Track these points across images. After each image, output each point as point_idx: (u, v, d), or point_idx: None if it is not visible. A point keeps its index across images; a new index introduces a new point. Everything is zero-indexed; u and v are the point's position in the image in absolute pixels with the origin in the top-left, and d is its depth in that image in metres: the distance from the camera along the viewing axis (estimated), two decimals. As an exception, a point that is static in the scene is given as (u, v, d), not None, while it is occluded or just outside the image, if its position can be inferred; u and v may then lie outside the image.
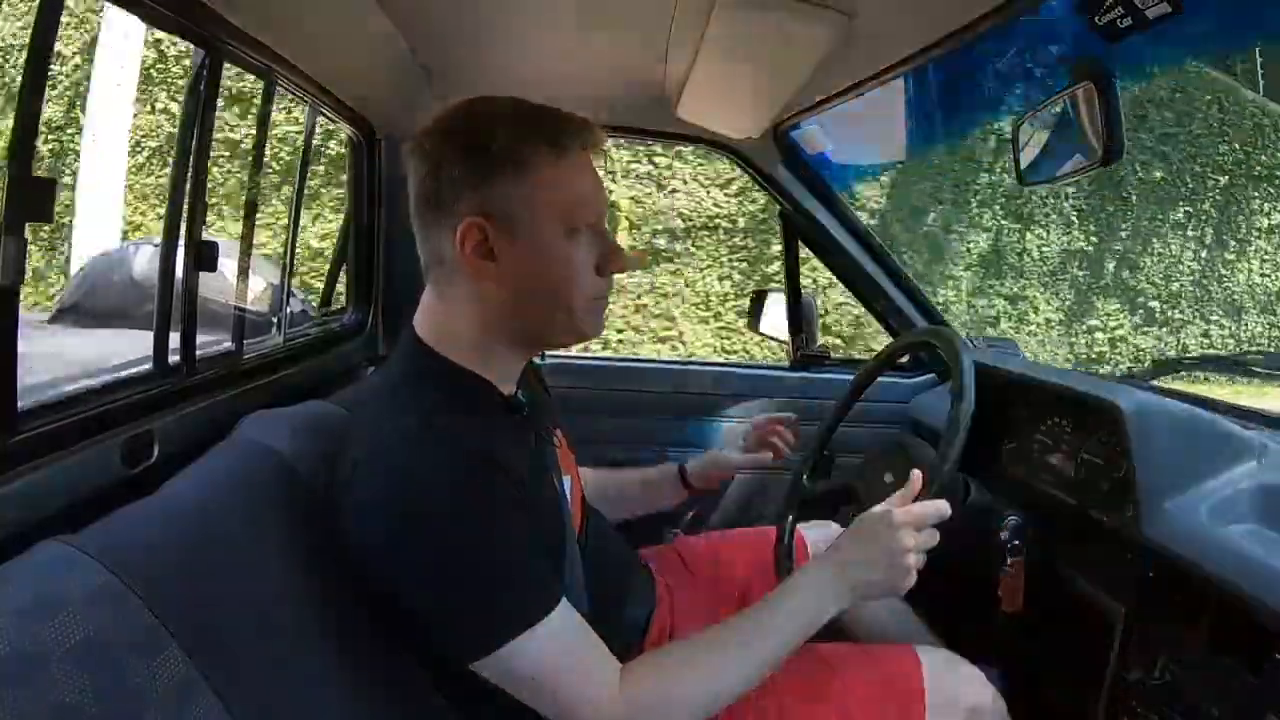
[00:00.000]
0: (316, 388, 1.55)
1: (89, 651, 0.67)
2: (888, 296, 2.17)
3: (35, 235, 6.23)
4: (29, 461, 0.86)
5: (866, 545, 1.09)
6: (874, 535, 1.09)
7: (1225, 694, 1.04)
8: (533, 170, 1.00)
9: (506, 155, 0.99)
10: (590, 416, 2.04)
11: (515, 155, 0.99)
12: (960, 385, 1.21)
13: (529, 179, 1.00)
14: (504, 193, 0.99)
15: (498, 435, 1.01)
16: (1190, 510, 1.17)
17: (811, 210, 2.10)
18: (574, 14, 1.40)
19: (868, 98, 1.59)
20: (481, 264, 1.00)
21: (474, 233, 0.99)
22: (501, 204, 0.99)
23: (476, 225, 0.99)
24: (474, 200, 0.99)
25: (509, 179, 0.99)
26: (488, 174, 0.99)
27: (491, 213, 0.99)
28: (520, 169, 0.99)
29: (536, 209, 1.00)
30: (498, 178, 0.99)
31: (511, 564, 0.94)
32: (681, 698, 1.02)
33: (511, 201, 0.99)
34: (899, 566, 1.07)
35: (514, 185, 0.99)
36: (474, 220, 0.99)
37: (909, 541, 1.07)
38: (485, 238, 1.00)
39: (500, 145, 0.99)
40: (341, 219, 2.41)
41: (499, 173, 0.99)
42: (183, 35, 1.14)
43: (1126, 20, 0.93)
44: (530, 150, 1.00)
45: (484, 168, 0.99)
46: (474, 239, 1.00)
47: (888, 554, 1.08)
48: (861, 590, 1.09)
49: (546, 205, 1.00)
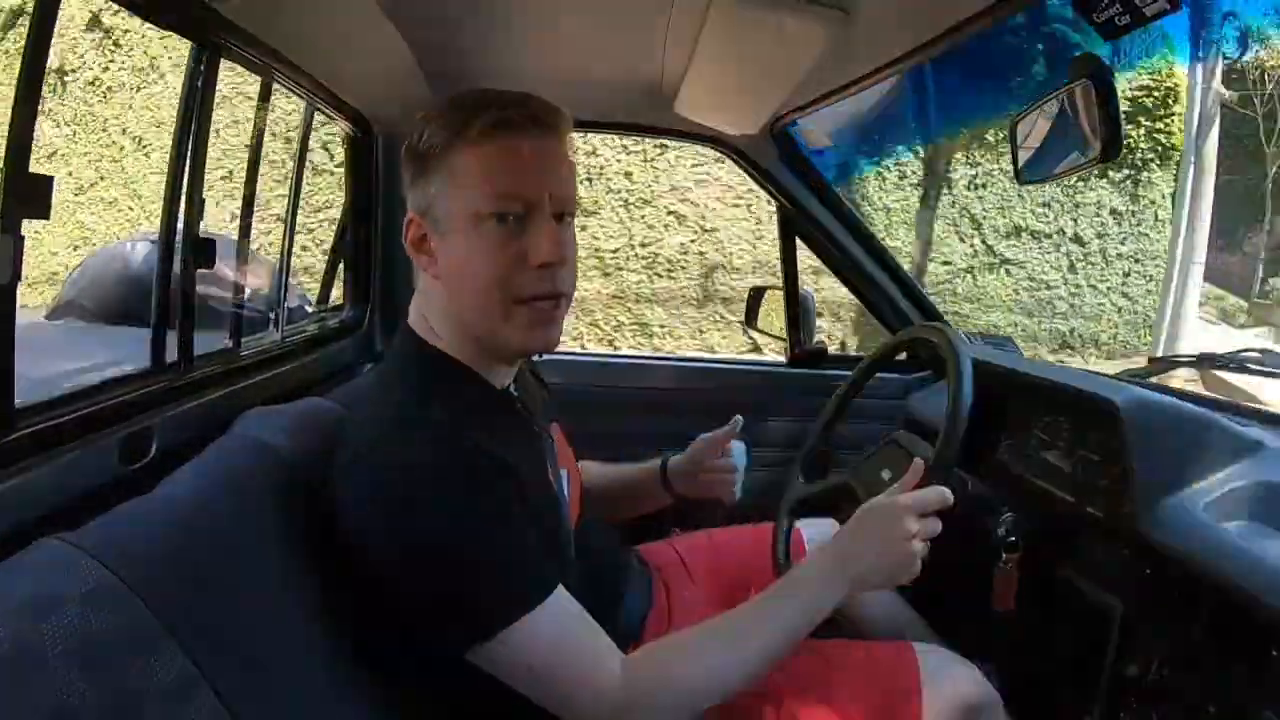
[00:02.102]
0: (314, 384, 1.55)
1: (87, 650, 0.67)
2: (885, 293, 2.17)
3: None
4: (26, 459, 0.86)
5: (869, 534, 1.09)
6: (876, 524, 1.09)
7: (1223, 691, 1.04)
8: (445, 162, 1.01)
9: (426, 151, 1.02)
10: (586, 413, 2.03)
11: (435, 148, 1.01)
12: (958, 381, 1.21)
13: (442, 171, 1.01)
14: (425, 187, 1.03)
15: (490, 428, 1.02)
16: (1188, 507, 1.17)
17: (809, 207, 2.10)
18: (572, 11, 1.40)
19: (865, 94, 1.59)
20: (422, 259, 1.06)
21: (413, 229, 1.05)
22: (425, 199, 1.03)
23: (414, 222, 1.05)
24: (412, 198, 1.05)
25: (429, 174, 1.02)
26: (417, 172, 1.04)
27: (421, 209, 1.04)
28: (436, 163, 1.01)
29: (450, 201, 1.02)
30: (422, 174, 1.03)
31: (507, 551, 0.94)
32: (684, 687, 1.01)
33: (430, 195, 1.03)
34: (903, 554, 1.07)
35: (433, 178, 1.02)
36: (412, 216, 1.05)
37: (912, 528, 1.07)
38: (424, 234, 1.05)
39: (424, 143, 1.02)
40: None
41: (423, 169, 1.03)
42: (180, 32, 1.14)
43: (1124, 18, 0.94)
44: (442, 142, 1.01)
45: (414, 166, 1.04)
46: (413, 234, 1.05)
47: (891, 542, 1.07)
48: (865, 580, 1.09)
49: (455, 196, 1.01)
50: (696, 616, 1.37)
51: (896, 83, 7.10)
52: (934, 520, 1.10)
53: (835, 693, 1.21)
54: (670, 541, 1.65)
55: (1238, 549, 1.04)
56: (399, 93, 1.72)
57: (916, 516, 1.08)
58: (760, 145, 2.02)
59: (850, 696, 1.21)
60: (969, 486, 1.25)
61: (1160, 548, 1.16)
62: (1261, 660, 0.98)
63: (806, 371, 2.22)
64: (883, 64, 1.40)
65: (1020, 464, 1.57)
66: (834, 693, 1.21)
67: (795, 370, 2.22)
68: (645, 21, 1.38)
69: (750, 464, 1.50)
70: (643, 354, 2.42)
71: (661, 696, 1.00)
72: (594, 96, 1.83)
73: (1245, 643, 1.01)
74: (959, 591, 1.56)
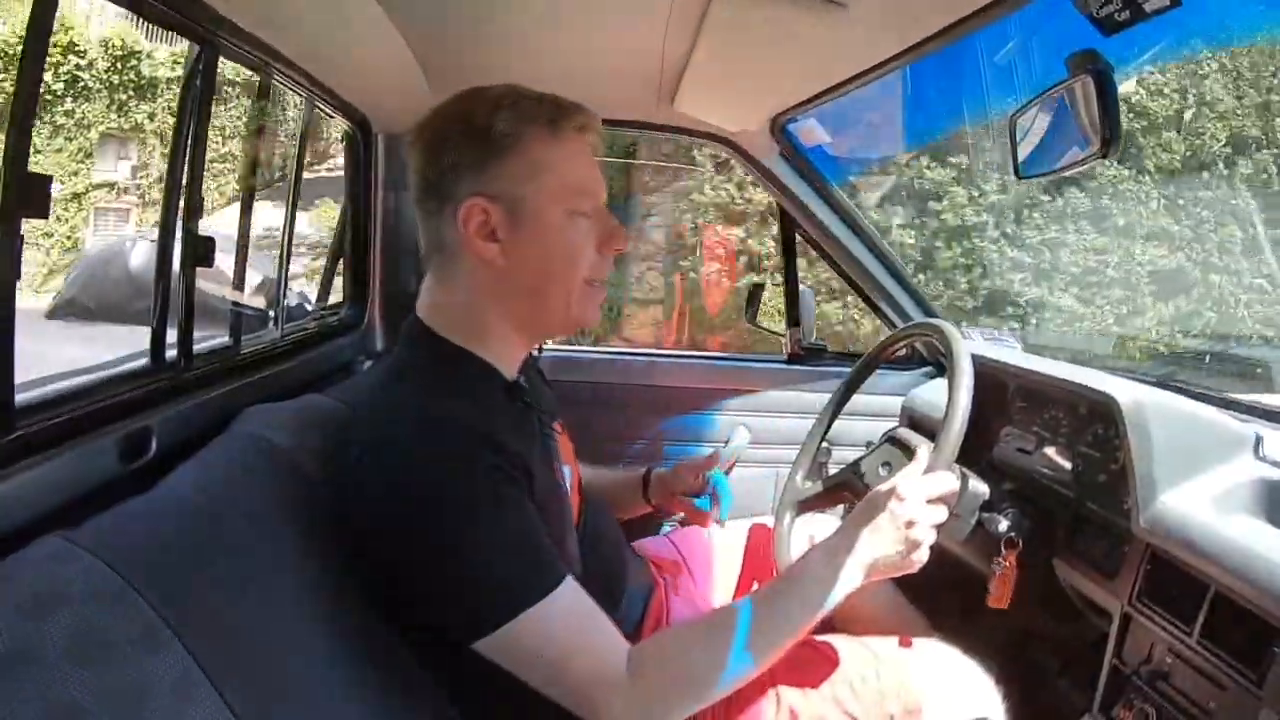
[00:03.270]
0: (313, 382, 1.55)
1: (89, 647, 0.67)
2: (884, 290, 2.17)
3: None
4: (27, 458, 0.86)
5: (875, 521, 1.09)
6: (881, 511, 1.09)
7: (1222, 686, 1.04)
8: (532, 152, 1.03)
9: (506, 138, 1.02)
10: (587, 409, 2.04)
11: (515, 137, 1.02)
12: (958, 377, 1.21)
13: (529, 160, 1.03)
14: (505, 174, 1.03)
15: (500, 419, 1.02)
16: (1187, 503, 1.17)
17: (809, 203, 2.09)
18: (572, 8, 1.40)
19: (865, 90, 1.59)
20: (484, 245, 1.03)
21: (476, 213, 1.03)
22: (502, 185, 1.03)
23: (479, 206, 1.02)
24: (475, 182, 1.03)
25: (509, 161, 1.02)
26: (488, 156, 1.02)
27: (493, 194, 1.03)
28: (520, 151, 1.02)
29: (538, 190, 1.03)
30: (498, 160, 1.02)
31: (515, 542, 0.95)
32: (692, 676, 1.02)
33: (513, 182, 1.03)
34: (909, 541, 1.07)
35: (514, 167, 1.03)
36: (475, 201, 1.02)
37: (918, 515, 1.08)
38: (488, 218, 1.03)
39: (500, 129, 1.02)
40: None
41: (499, 155, 1.02)
42: (178, 30, 1.14)
43: (1124, 13, 0.93)
44: (529, 132, 1.03)
45: (484, 151, 1.02)
46: (477, 219, 1.03)
47: (897, 529, 1.08)
48: (877, 567, 1.09)
49: (547, 186, 1.04)
50: (695, 611, 1.37)
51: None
52: (940, 507, 1.11)
53: (835, 689, 1.21)
54: (669, 536, 1.65)
55: (1237, 544, 1.05)
56: (398, 91, 1.71)
57: (922, 502, 1.09)
58: (761, 141, 2.01)
59: (850, 693, 1.21)
60: (969, 483, 1.25)
61: (1159, 544, 1.16)
62: (1261, 657, 0.98)
63: (806, 368, 2.22)
64: (883, 59, 1.40)
65: (1020, 460, 1.57)
66: (834, 689, 1.21)
67: (795, 366, 2.22)
68: (645, 18, 1.38)
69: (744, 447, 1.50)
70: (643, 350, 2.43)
71: (669, 686, 1.00)
72: (595, 93, 1.81)
73: (1245, 640, 1.01)
74: (959, 588, 1.56)
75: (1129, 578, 1.21)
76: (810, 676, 1.22)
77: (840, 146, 7.28)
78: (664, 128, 2.13)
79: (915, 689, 1.21)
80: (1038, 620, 1.54)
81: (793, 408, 2.17)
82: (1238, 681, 1.01)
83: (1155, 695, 1.15)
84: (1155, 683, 1.15)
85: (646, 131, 2.17)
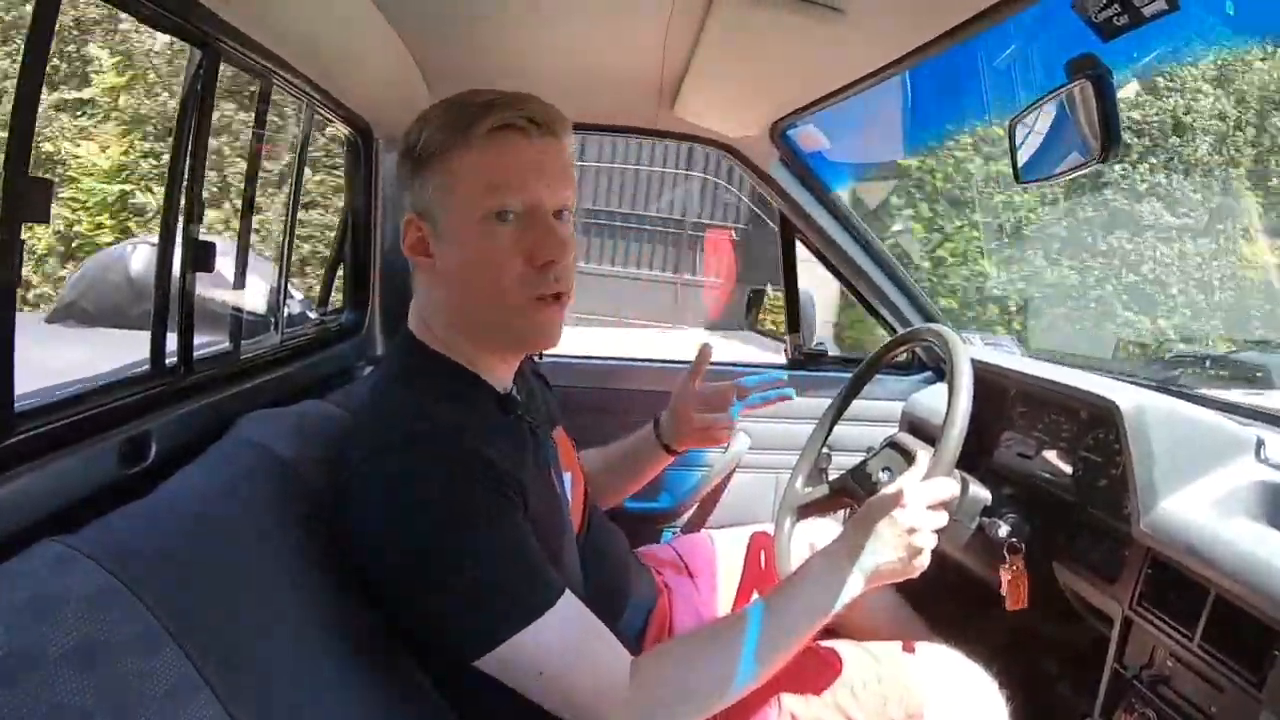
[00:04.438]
0: (313, 387, 1.55)
1: (87, 652, 0.67)
2: (885, 295, 2.17)
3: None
4: (26, 462, 0.86)
5: (876, 528, 1.09)
6: (883, 516, 1.09)
7: (1223, 690, 1.04)
8: (447, 161, 1.02)
9: (426, 151, 1.02)
10: (587, 415, 2.04)
11: (432, 149, 1.02)
12: (958, 382, 1.21)
13: (443, 171, 1.02)
14: (425, 188, 1.03)
15: (492, 433, 1.02)
16: (1188, 507, 1.17)
17: (809, 209, 2.10)
18: (571, 14, 1.40)
19: (866, 96, 1.59)
20: (421, 260, 1.06)
21: (412, 230, 1.05)
22: (425, 200, 1.04)
23: (413, 223, 1.05)
24: (410, 198, 1.05)
25: (429, 174, 1.03)
26: (415, 171, 1.04)
27: (420, 210, 1.05)
28: (437, 162, 1.02)
29: (453, 200, 1.02)
30: (421, 174, 1.03)
31: (511, 560, 0.94)
32: (695, 686, 1.01)
33: (430, 195, 1.03)
34: (911, 547, 1.07)
35: (432, 179, 1.02)
36: (409, 217, 1.05)
37: (919, 520, 1.07)
38: (421, 234, 1.05)
39: (422, 144, 1.02)
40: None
41: (422, 169, 1.03)
42: (180, 35, 1.14)
43: (1123, 18, 0.94)
44: (442, 142, 1.01)
45: (412, 166, 1.04)
46: (412, 235, 1.05)
47: (898, 535, 1.07)
48: (880, 573, 1.08)
49: (460, 195, 1.02)
50: (698, 618, 1.37)
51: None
52: (941, 512, 1.10)
53: (836, 694, 1.21)
54: (672, 544, 1.65)
55: (1238, 548, 1.04)
56: (399, 96, 1.72)
57: (923, 508, 1.09)
58: (761, 147, 2.01)
59: (852, 697, 1.21)
60: (969, 487, 1.25)
61: (1160, 548, 1.16)
62: (1262, 660, 0.98)
63: (806, 373, 2.21)
64: (883, 64, 1.40)
65: (1021, 464, 1.57)
66: (835, 694, 1.21)
67: (795, 372, 2.22)
68: (645, 23, 1.38)
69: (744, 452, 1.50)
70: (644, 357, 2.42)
71: (672, 697, 1.00)
72: (594, 99, 1.83)
73: (1246, 643, 1.00)
74: (961, 592, 1.56)
75: (1130, 582, 1.21)
76: (811, 681, 1.22)
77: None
78: (663, 133, 2.13)
79: (917, 693, 1.21)
80: (1038, 625, 1.54)
81: (793, 413, 2.15)
82: (1238, 685, 1.00)
83: (1156, 699, 1.14)
84: (1156, 687, 1.15)
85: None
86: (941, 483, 1.13)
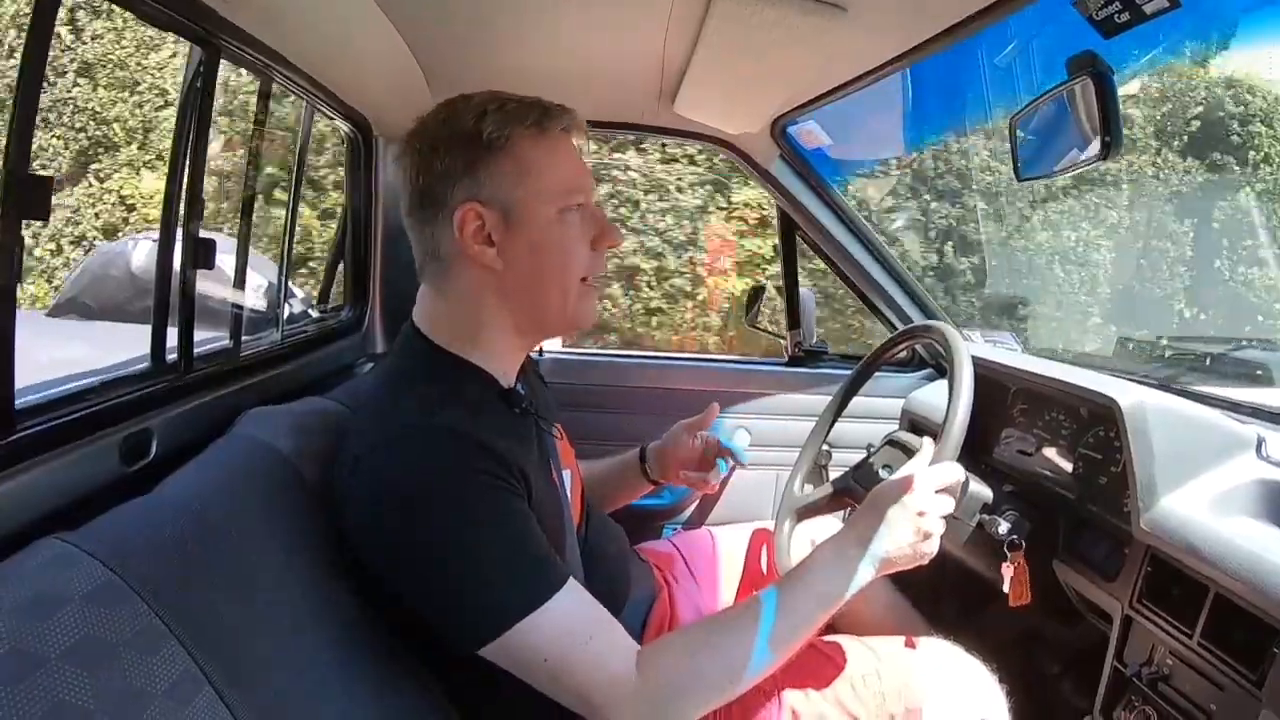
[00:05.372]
0: (313, 384, 1.55)
1: (89, 649, 0.67)
2: (885, 292, 2.17)
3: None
4: (27, 459, 0.86)
5: (885, 514, 1.09)
6: (891, 502, 1.09)
7: (1223, 688, 1.04)
8: (521, 154, 1.04)
9: (495, 140, 1.03)
10: (586, 412, 2.04)
11: (503, 140, 1.03)
12: (958, 380, 1.21)
13: (519, 162, 1.03)
14: (496, 177, 1.03)
15: (498, 427, 1.02)
16: (1188, 504, 1.17)
17: (809, 206, 2.10)
18: (572, 12, 1.40)
19: (866, 93, 1.59)
20: (481, 250, 1.04)
21: (471, 218, 1.03)
22: (494, 188, 1.03)
23: (473, 211, 1.03)
24: (468, 188, 1.03)
25: (499, 164, 1.03)
26: (479, 161, 1.03)
27: (486, 198, 1.03)
28: (509, 153, 1.03)
29: (530, 191, 1.04)
30: (488, 164, 1.03)
31: (512, 548, 0.94)
32: (701, 677, 1.01)
33: (504, 185, 1.03)
34: (920, 531, 1.08)
35: (505, 169, 1.03)
36: (470, 206, 1.03)
37: (928, 504, 1.08)
38: (483, 223, 1.03)
39: (489, 132, 1.02)
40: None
41: (489, 159, 1.03)
42: (180, 33, 1.14)
43: (1124, 15, 0.94)
44: (518, 134, 1.03)
45: (474, 155, 1.03)
46: (472, 225, 1.03)
47: (907, 519, 1.08)
48: (890, 560, 1.08)
49: (538, 187, 1.04)
50: (698, 614, 1.37)
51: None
52: (946, 497, 1.11)
53: (837, 689, 1.21)
54: (672, 540, 1.65)
55: (1237, 546, 1.04)
56: (399, 94, 1.71)
57: (931, 492, 1.09)
58: (761, 144, 2.01)
59: (852, 693, 1.21)
60: (969, 485, 1.25)
61: (1160, 545, 1.16)
62: (1261, 659, 0.98)
63: (806, 370, 2.22)
64: (883, 61, 1.40)
65: (1020, 462, 1.57)
66: (836, 689, 1.21)
67: (795, 369, 2.22)
68: (646, 21, 1.38)
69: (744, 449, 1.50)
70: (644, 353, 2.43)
71: (681, 686, 1.00)
72: (595, 96, 1.83)
73: (1246, 641, 1.01)
74: (961, 589, 1.56)
75: (1130, 580, 1.21)
76: (812, 676, 1.22)
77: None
78: (664, 130, 2.13)
79: (917, 689, 1.21)
80: (1038, 622, 1.54)
81: (793, 410, 2.17)
82: (1238, 683, 1.01)
83: (1156, 697, 1.15)
84: (1156, 684, 1.15)
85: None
86: (947, 467, 1.13)
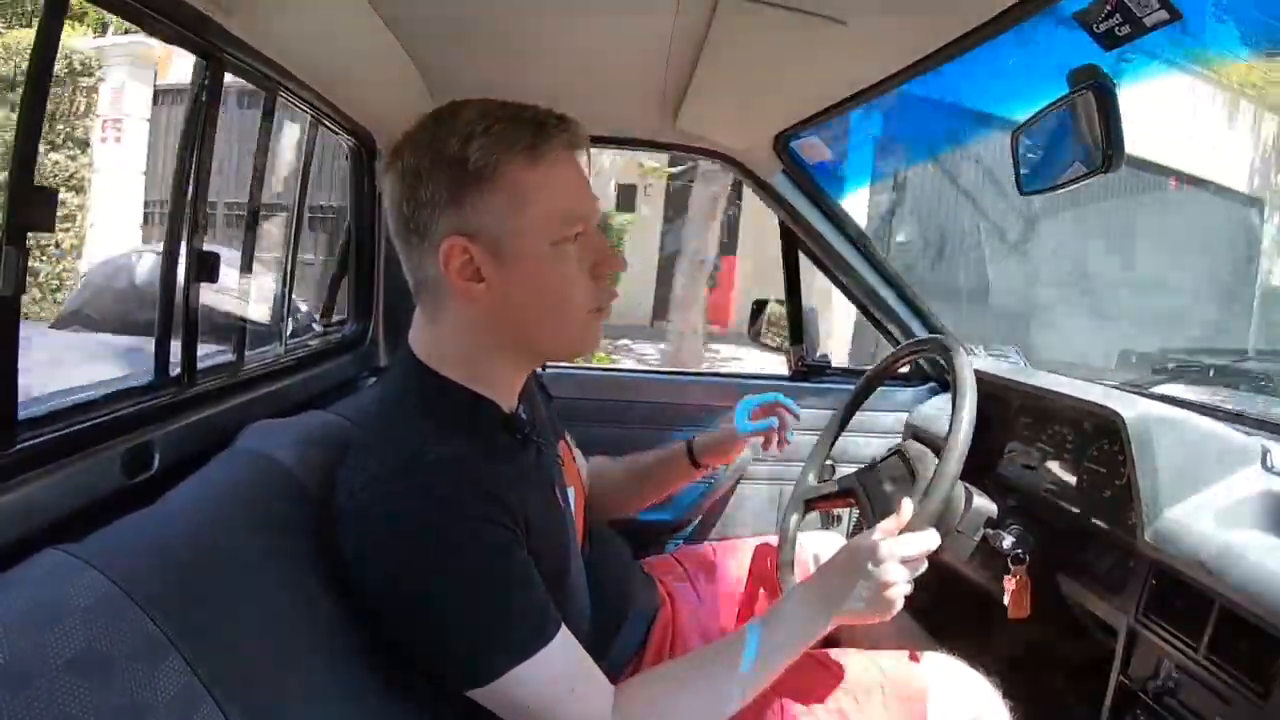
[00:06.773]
0: (317, 398, 1.55)
1: (90, 661, 0.67)
2: (887, 306, 2.17)
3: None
4: (29, 471, 0.86)
5: (852, 576, 1.08)
6: (859, 567, 1.08)
7: (1229, 702, 1.03)
8: (512, 183, 0.93)
9: (483, 169, 0.92)
10: (588, 426, 2.03)
11: (492, 168, 0.93)
12: (961, 394, 1.21)
13: (510, 192, 0.93)
14: (483, 209, 0.93)
15: (497, 458, 0.99)
16: (1193, 517, 1.17)
17: (812, 220, 2.10)
18: (576, 27, 1.40)
19: (868, 108, 1.60)
20: (468, 286, 0.95)
21: (457, 253, 0.94)
22: (482, 221, 0.94)
23: (458, 245, 0.93)
24: (454, 220, 0.94)
25: (487, 195, 0.93)
26: (465, 192, 0.93)
27: (472, 231, 0.94)
28: (499, 184, 0.93)
29: (522, 224, 0.94)
30: (475, 194, 0.93)
31: (508, 597, 0.92)
32: (678, 716, 1.02)
33: (493, 218, 0.93)
34: (883, 599, 1.07)
35: (494, 200, 0.93)
36: (455, 240, 0.93)
37: (894, 576, 1.06)
38: (470, 258, 0.94)
39: (476, 161, 0.92)
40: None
41: (477, 189, 0.93)
42: (184, 45, 1.14)
43: (1125, 28, 0.94)
44: (507, 160, 0.93)
45: (461, 185, 0.93)
46: (458, 259, 0.94)
47: (872, 587, 1.06)
48: (847, 615, 1.08)
49: (531, 219, 0.94)
50: (698, 627, 1.37)
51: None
52: (918, 563, 1.10)
53: (839, 701, 1.21)
54: (674, 554, 1.65)
55: (1243, 559, 1.04)
56: (403, 107, 1.71)
57: (898, 563, 1.07)
58: (764, 159, 2.01)
59: (854, 705, 1.20)
60: (973, 499, 1.25)
61: (1165, 559, 1.16)
62: (1267, 671, 0.97)
63: (810, 384, 2.21)
64: (885, 76, 1.40)
65: (1025, 475, 1.57)
66: (838, 701, 1.21)
67: (799, 383, 2.22)
68: (648, 35, 1.39)
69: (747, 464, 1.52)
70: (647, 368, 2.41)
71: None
72: (598, 111, 1.84)
73: (1251, 653, 1.00)
74: (964, 602, 1.56)
75: (1135, 593, 1.21)
76: (814, 689, 1.21)
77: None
78: (667, 145, 2.14)
79: (919, 702, 1.20)
80: (1043, 636, 1.53)
81: (797, 425, 2.16)
82: (1244, 696, 1.00)
83: (1162, 711, 1.14)
84: (1162, 698, 1.14)
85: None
86: (920, 538, 1.10)
